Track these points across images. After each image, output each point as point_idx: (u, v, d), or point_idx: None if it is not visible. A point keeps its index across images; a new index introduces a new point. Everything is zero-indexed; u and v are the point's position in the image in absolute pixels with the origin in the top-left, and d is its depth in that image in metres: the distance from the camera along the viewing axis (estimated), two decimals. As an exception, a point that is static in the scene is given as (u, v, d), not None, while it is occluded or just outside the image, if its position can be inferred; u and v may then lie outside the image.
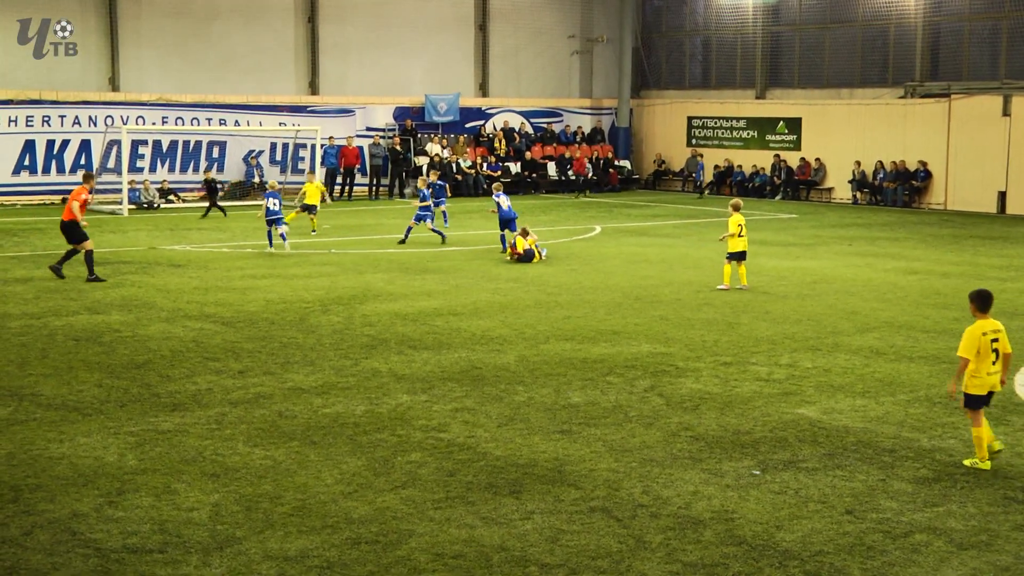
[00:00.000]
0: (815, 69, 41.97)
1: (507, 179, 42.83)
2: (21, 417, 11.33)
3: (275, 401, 12.06)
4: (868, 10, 40.09)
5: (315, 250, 25.15)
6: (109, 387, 12.57)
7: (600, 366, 13.88)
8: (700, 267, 22.82)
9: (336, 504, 8.97)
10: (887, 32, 39.68)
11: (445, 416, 11.55)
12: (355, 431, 10.98)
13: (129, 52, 38.17)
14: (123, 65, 38.11)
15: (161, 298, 18.42)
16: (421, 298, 18.67)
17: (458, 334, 15.73)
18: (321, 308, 17.64)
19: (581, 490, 9.38)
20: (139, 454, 10.18)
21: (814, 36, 42.03)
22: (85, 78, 37.62)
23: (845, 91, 40.65)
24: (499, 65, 45.18)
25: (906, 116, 38.55)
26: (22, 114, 36.16)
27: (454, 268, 22.34)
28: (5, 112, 35.89)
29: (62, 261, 20.94)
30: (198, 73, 39.14)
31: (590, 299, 18.82)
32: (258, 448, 10.40)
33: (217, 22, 39.49)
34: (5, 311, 17.08)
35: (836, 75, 41.16)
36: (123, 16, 37.88)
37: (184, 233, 28.31)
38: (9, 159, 36.08)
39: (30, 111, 36.26)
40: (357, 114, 41.65)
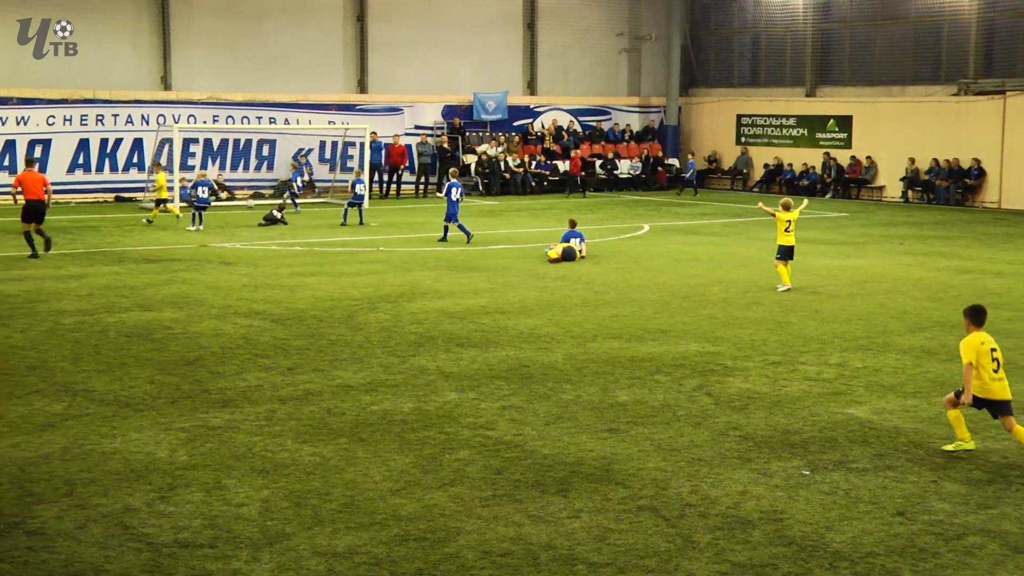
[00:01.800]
0: (866, 66, 41.57)
1: (555, 177, 42.83)
2: (75, 412, 11.46)
3: (324, 398, 12.12)
4: (920, 6, 39.66)
5: (363, 248, 25.26)
6: (160, 383, 12.69)
7: (648, 365, 13.82)
8: (749, 266, 22.67)
9: (384, 501, 9.00)
10: (940, 29, 39.21)
11: (493, 414, 11.55)
12: (403, 428, 11.01)
13: (180, 51, 38.54)
14: (175, 64, 38.48)
15: (211, 295, 18.57)
16: (468, 296, 18.69)
17: (505, 332, 15.73)
18: (369, 306, 17.71)
19: (629, 489, 9.35)
20: (190, 450, 10.27)
21: (865, 33, 41.63)
22: (138, 77, 38.03)
23: (896, 88, 40.22)
24: (547, 63, 45.14)
25: (959, 114, 38.09)
26: (76, 113, 36.62)
27: (501, 266, 22.35)
28: (60, 111, 36.36)
29: (47, 245, 23.34)
30: (248, 72, 39.44)
31: (638, 297, 18.75)
32: (307, 445, 10.45)
33: (267, 21, 39.76)
34: (59, 307, 17.29)
35: (887, 72, 40.73)
36: (175, 16, 38.24)
37: (234, 231, 28.52)
38: (64, 157, 36.54)
39: (84, 110, 36.71)
40: (405, 112, 41.78)
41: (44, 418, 11.24)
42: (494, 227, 30.30)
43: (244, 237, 27.20)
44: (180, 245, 25.39)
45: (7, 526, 8.39)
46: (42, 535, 8.23)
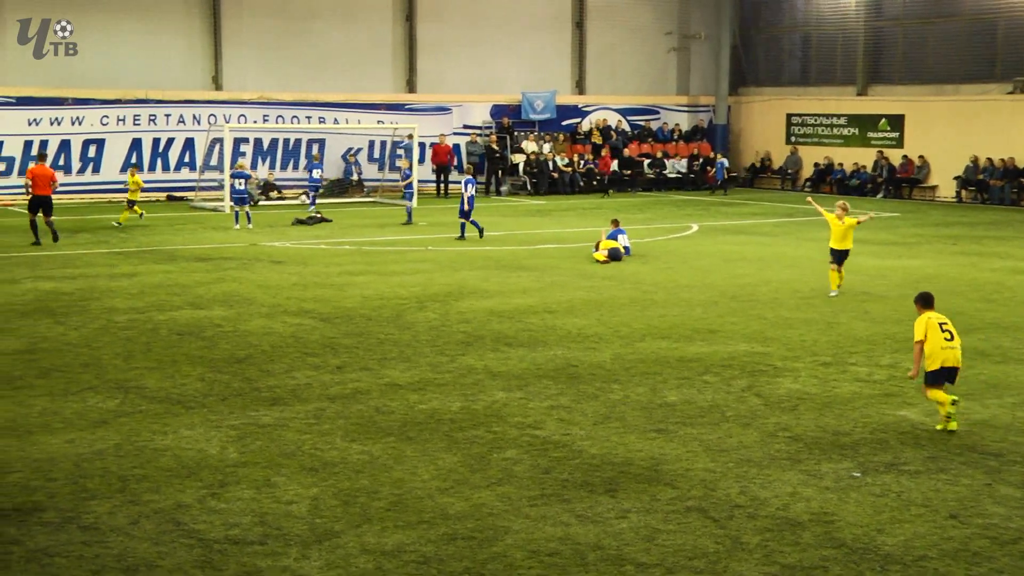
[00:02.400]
0: (919, 64, 41.13)
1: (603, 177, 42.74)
2: (127, 409, 11.60)
3: (372, 397, 12.18)
4: (974, 3, 39.18)
5: (411, 247, 25.34)
6: (211, 381, 12.81)
7: (696, 365, 13.76)
8: (798, 266, 22.51)
9: (432, 500, 9.03)
10: (995, 26, 38.71)
11: (540, 413, 11.55)
12: (451, 427, 11.04)
13: (231, 51, 38.87)
14: (226, 64, 38.82)
15: (261, 294, 18.72)
16: (516, 295, 18.71)
17: (553, 332, 15.73)
18: (417, 305, 17.77)
19: (677, 489, 9.32)
20: (240, 447, 10.36)
21: (917, 31, 41.19)
22: (190, 77, 38.41)
23: (950, 87, 39.76)
24: (595, 62, 45.07)
25: (1014, 112, 37.59)
26: (129, 113, 37.04)
27: (549, 266, 22.34)
28: (114, 111, 36.79)
29: (54, 235, 24.99)
30: (298, 71, 39.70)
31: (686, 297, 18.68)
32: (355, 443, 10.51)
33: (316, 21, 40.01)
34: (112, 305, 17.50)
35: (940, 71, 40.27)
36: (226, 16, 38.58)
37: (283, 230, 28.73)
38: (117, 157, 36.96)
39: (137, 110, 37.12)
40: (454, 112, 41.86)
41: (98, 415, 11.38)
42: (542, 226, 30.30)
43: (293, 236, 27.38)
44: (230, 244, 25.60)
45: (63, 520, 8.50)
46: (96, 530, 8.34)
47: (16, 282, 19.68)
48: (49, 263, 22.14)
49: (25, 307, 17.30)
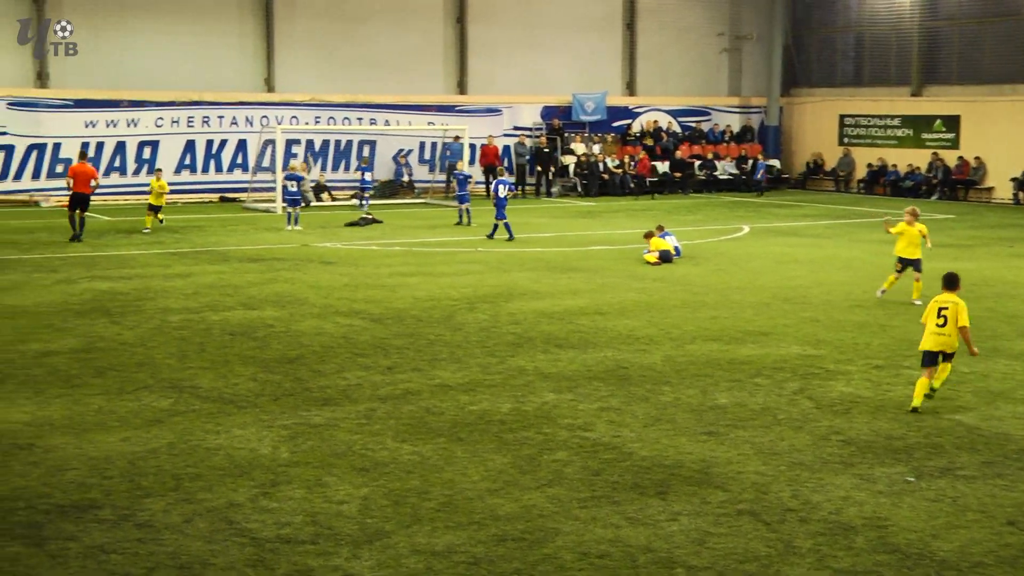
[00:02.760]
0: (974, 64, 40.60)
1: (654, 178, 42.61)
2: (181, 408, 11.72)
3: (423, 397, 12.21)
4: (1032, 2, 38.65)
5: (462, 248, 25.40)
6: (263, 381, 12.91)
7: (747, 367, 13.68)
8: (851, 268, 22.31)
9: (482, 501, 9.04)
10: (1053, 25, 38.16)
11: (591, 415, 11.54)
12: (501, 428, 11.05)
13: (284, 53, 39.16)
14: (278, 66, 39.11)
15: (312, 294, 18.84)
16: (567, 297, 18.69)
17: (604, 333, 15.70)
18: (468, 306, 17.80)
19: (728, 492, 9.26)
20: (292, 447, 10.43)
21: (973, 30, 40.67)
22: (243, 79, 38.74)
23: (1007, 87, 39.22)
24: (646, 63, 44.93)
25: (1072, 112, 37.05)
26: (183, 115, 37.44)
27: (600, 267, 22.30)
28: (169, 113, 37.21)
29: (81, 228, 25.94)
30: (349, 73, 39.91)
31: (737, 299, 18.57)
32: (406, 443, 10.55)
33: (368, 23, 40.20)
34: (166, 306, 17.69)
35: (997, 70, 39.73)
36: (279, 18, 38.87)
37: (335, 231, 28.90)
38: (172, 158, 37.36)
39: (191, 112, 37.52)
40: (504, 113, 41.91)
41: (152, 414, 11.51)
42: (592, 228, 30.25)
43: (345, 237, 27.53)
44: (282, 245, 25.79)
45: (118, 518, 8.61)
46: (151, 527, 8.43)
47: (73, 282, 19.95)
48: (106, 263, 22.42)
49: (82, 307, 17.54)
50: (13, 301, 18.00)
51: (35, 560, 7.85)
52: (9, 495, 9.08)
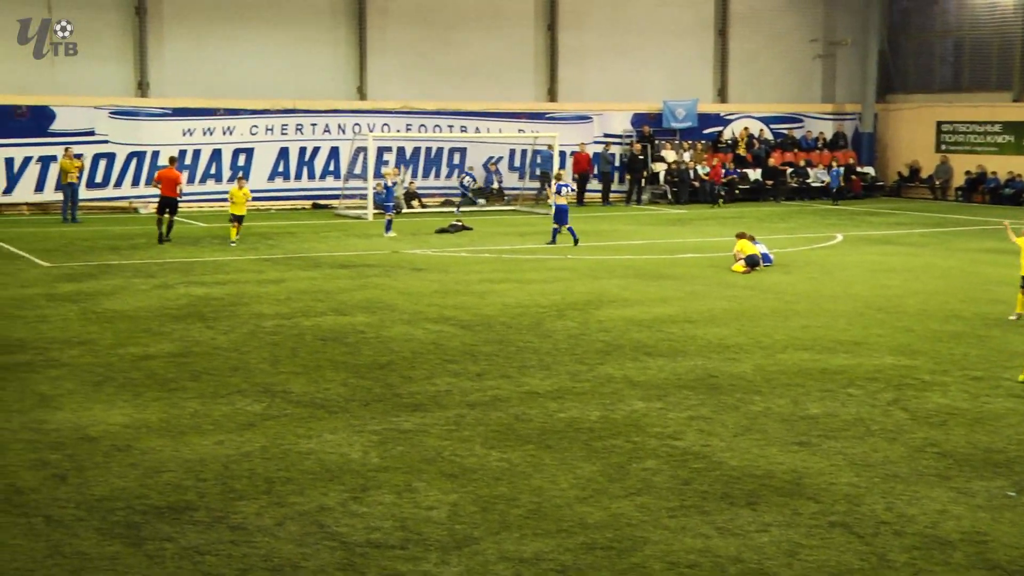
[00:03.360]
0: (1079, 69, 39.56)
1: (746, 186, 42.23)
2: (273, 413, 11.89)
3: (511, 404, 12.24)
4: None
5: (551, 255, 25.41)
6: (354, 386, 13.03)
7: (840, 377, 13.48)
8: (948, 277, 21.88)
9: (571, 508, 9.03)
10: None
11: (680, 424, 11.46)
12: (590, 436, 11.03)
13: (376, 61, 39.57)
14: (370, 74, 39.53)
15: (402, 300, 18.99)
16: (656, 304, 18.60)
17: (693, 341, 15.59)
18: (557, 313, 17.80)
19: (820, 504, 9.13)
20: (381, 452, 10.51)
21: (1078, 34, 39.64)
22: (335, 87, 39.24)
23: (1112, 91, 38.19)
24: (738, 70, 44.55)
25: None
26: (277, 123, 38.01)
27: (690, 275, 22.16)
28: (263, 121, 37.81)
29: (168, 230, 27.13)
30: (440, 81, 40.18)
31: (829, 308, 18.32)
32: (495, 450, 10.57)
33: (459, 30, 40.45)
34: (259, 311, 17.97)
35: (1102, 75, 38.68)
36: (371, 26, 39.30)
37: (425, 238, 29.10)
38: (265, 166, 37.97)
39: (285, 120, 38.08)
40: (594, 120, 41.86)
41: (245, 417, 11.69)
42: (682, 235, 30.07)
43: (435, 244, 27.72)
44: (373, 251, 26.05)
45: (212, 520, 8.76)
46: (244, 530, 8.56)
47: (170, 287, 20.36)
48: (201, 269, 22.84)
49: (178, 311, 17.90)
50: (113, 305, 18.43)
51: (133, 560, 8.02)
52: (109, 495, 9.29)
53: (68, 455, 10.37)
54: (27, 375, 13.55)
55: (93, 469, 9.97)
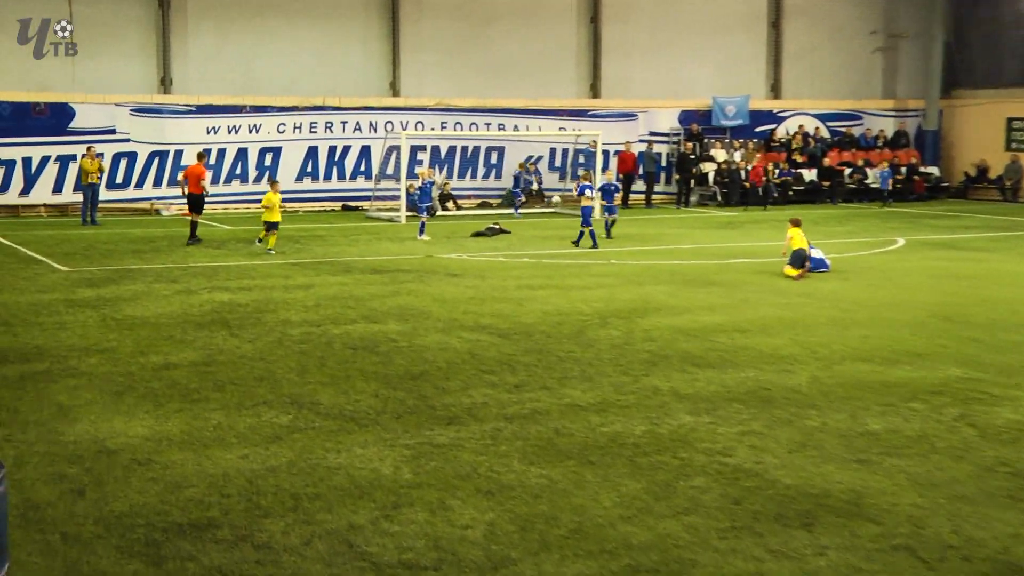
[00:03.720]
0: None
1: (800, 187, 42.01)
2: (301, 425, 11.91)
3: (552, 417, 12.20)
4: None
5: (593, 260, 25.36)
6: (385, 398, 13.04)
7: (902, 391, 13.36)
8: (1018, 285, 21.65)
9: (614, 528, 8.98)
10: None
11: (730, 439, 11.39)
12: (634, 452, 10.97)
13: (409, 56, 39.70)
14: (403, 70, 39.67)
15: (437, 308, 19.00)
16: (704, 312, 18.52)
17: (744, 352, 15.50)
18: (599, 321, 17.76)
19: (881, 526, 9.04)
20: (414, 467, 10.50)
21: None
22: (367, 84, 39.38)
23: None
24: (793, 64, 44.35)
25: None
26: (306, 121, 38.20)
27: (740, 281, 22.05)
28: (291, 119, 38.01)
29: (194, 232, 27.84)
30: (477, 77, 40.26)
31: (890, 317, 18.17)
32: (534, 466, 10.54)
33: (497, 24, 40.51)
34: (286, 318, 18.03)
35: None
36: (404, 20, 39.45)
37: (460, 241, 29.13)
38: (293, 166, 38.18)
39: (314, 118, 38.27)
40: (640, 118, 41.79)
41: (271, 430, 11.72)
42: (732, 240, 29.93)
43: (471, 248, 27.73)
44: (406, 255, 26.10)
45: (236, 538, 8.77)
46: (269, 549, 8.58)
47: (193, 292, 20.49)
48: (225, 274, 22.97)
49: (202, 318, 17.99)
50: (134, 312, 18.56)
51: (152, 579, 8.05)
52: (128, 512, 9.33)
53: (86, 469, 10.44)
54: (45, 384, 13.66)
55: (112, 484, 10.02)
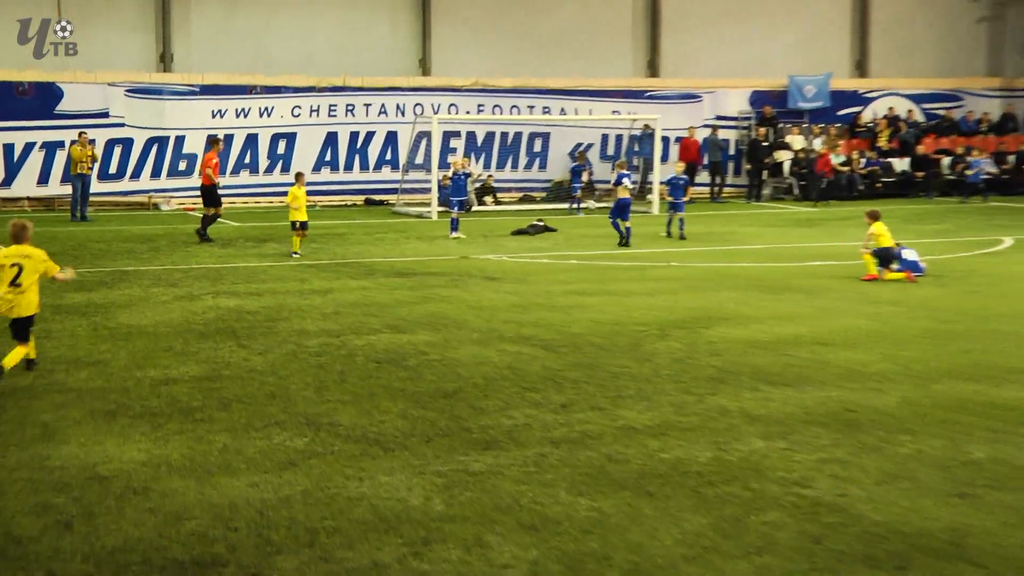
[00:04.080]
0: None
1: (890, 178, 41.78)
2: (318, 449, 11.95)
3: (603, 442, 12.18)
4: None
5: (652, 262, 25.32)
6: (414, 418, 13.07)
7: (1011, 414, 13.25)
8: None
9: (676, 569, 8.95)
10: None
11: (809, 468, 11.33)
12: (698, 482, 10.93)
13: (442, 31, 39.83)
14: (435, 45, 39.78)
15: (473, 316, 19.03)
16: (780, 322, 18.46)
17: (826, 368, 15.43)
18: (658, 332, 17.73)
19: (986, 570, 8.96)
20: (447, 498, 10.51)
21: None
22: (394, 61, 39.49)
23: None
24: (882, 38, 44.17)
25: None
26: (325, 103, 38.34)
27: (821, 287, 21.96)
28: (307, 101, 38.14)
29: (204, 227, 28.36)
30: (519, 53, 40.35)
31: (996, 329, 18.04)
32: (583, 497, 10.52)
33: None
34: (302, 327, 18.11)
35: None
36: (437, -11, 39.59)
37: (500, 241, 29.16)
38: (310, 154, 38.32)
39: (333, 99, 38.41)
40: (704, 100, 41.71)
41: (285, 455, 11.76)
42: (812, 239, 29.80)
43: (511, 248, 27.75)
44: (437, 257, 26.15)
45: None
46: (281, 590, 8.61)
47: (196, 298, 20.62)
48: (233, 276, 23.11)
49: (206, 327, 18.10)
50: (129, 320, 18.70)
51: (149, 623, 8.09)
52: (122, 547, 9.38)
53: (74, 498, 10.51)
54: (28, 402, 13.78)
55: (104, 515, 10.08)
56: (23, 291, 14.45)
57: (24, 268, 14.45)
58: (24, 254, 14.55)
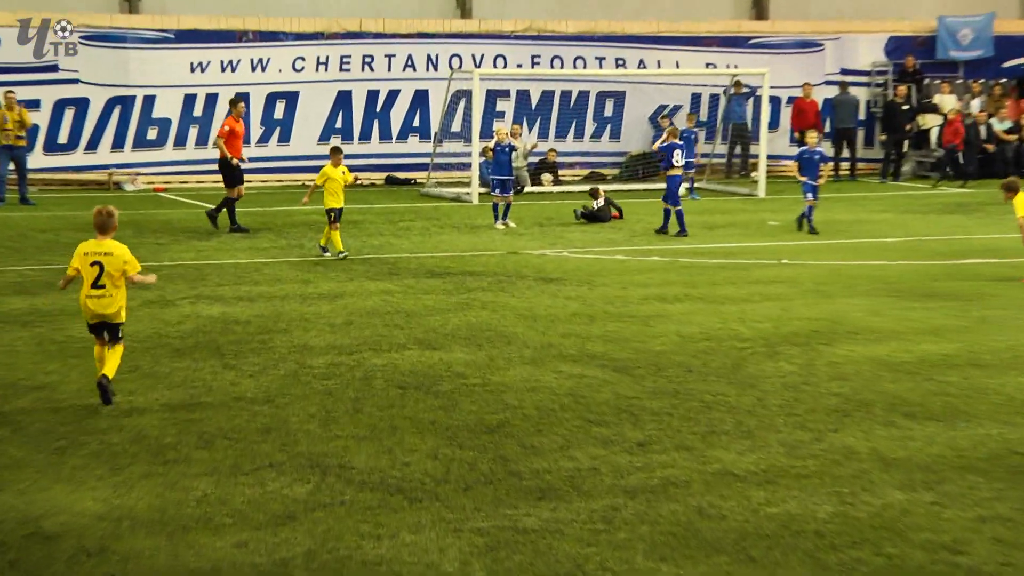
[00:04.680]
0: None
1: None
2: (324, 499, 11.97)
3: (692, 491, 12.16)
4: None
5: (756, 259, 25.24)
6: (448, 460, 13.07)
7: None
8: None
9: (787, 659, 8.94)
10: None
11: (963, 528, 11.27)
12: (817, 544, 10.90)
13: (487, -39, 39.83)
14: (478, -20, 39.82)
15: (524, 328, 19.02)
16: (923, 338, 18.37)
17: (984, 398, 15.34)
18: (765, 349, 17.68)
19: None
20: (490, 562, 10.51)
21: None
22: (423, 2, 39.45)
23: None
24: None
25: None
26: (335, 54, 38.23)
27: (976, 292, 21.84)
28: (312, 51, 38.04)
29: (216, 210, 29.34)
30: (585, -9, 40.31)
31: None
32: (666, 563, 10.51)
33: (616, -88, 40.61)
34: (306, 342, 18.16)
35: None
36: (480, -93, 39.67)
37: (559, 231, 29.14)
38: (316, 118, 38.23)
39: (346, 48, 38.23)
40: (827, 49, 41.55)
41: (281, 505, 11.79)
42: (966, 229, 29.63)
43: (573, 240, 27.74)
44: (479, 251, 26.17)
45: (229, 666, 8.85)
46: None
47: (171, 304, 20.71)
48: (217, 277, 23.20)
49: (182, 342, 18.18)
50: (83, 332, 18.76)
51: None
52: (72, 623, 9.45)
53: (10, 561, 10.57)
54: (-46, 436, 13.88)
55: (50, 582, 10.14)
56: (108, 294, 14.95)
57: (104, 267, 14.86)
58: (104, 250, 14.93)
